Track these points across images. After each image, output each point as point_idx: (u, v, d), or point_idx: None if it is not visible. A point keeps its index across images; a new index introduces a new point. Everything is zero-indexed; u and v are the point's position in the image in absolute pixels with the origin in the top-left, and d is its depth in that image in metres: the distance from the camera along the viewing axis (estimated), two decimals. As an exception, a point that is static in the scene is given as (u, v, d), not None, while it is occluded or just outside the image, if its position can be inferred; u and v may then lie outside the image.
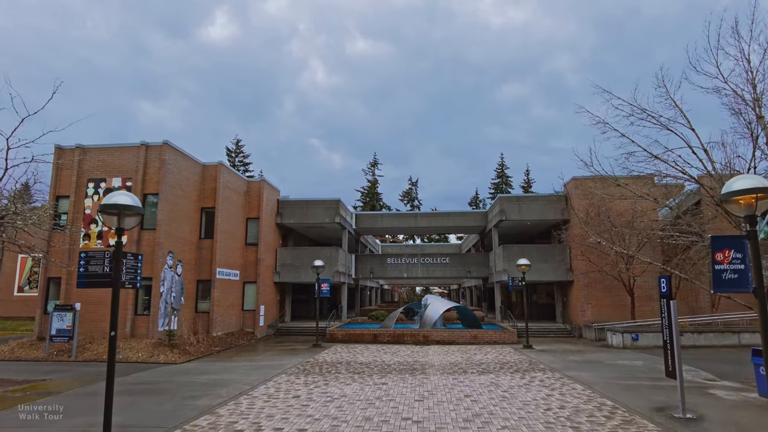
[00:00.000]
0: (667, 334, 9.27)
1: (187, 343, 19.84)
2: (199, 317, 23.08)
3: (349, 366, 15.51)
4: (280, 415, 9.11)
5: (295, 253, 29.06)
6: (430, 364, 16.02)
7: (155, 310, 19.83)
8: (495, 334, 22.83)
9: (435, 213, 33.43)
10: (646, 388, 11.62)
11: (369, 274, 33.73)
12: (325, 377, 13.43)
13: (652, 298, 25.86)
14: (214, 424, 8.54)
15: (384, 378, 13.25)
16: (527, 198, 28.49)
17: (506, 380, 12.84)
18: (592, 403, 10.02)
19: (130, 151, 21.20)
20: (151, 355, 17.90)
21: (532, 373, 14.11)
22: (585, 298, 25.88)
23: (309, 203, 29.51)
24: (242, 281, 26.28)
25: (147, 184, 20.88)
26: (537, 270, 26.29)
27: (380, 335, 23.11)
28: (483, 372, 14.27)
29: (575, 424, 8.37)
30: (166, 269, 20.51)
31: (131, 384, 12.44)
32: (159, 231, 20.28)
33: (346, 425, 8.40)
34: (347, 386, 12.05)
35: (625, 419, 8.68)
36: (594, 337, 23.83)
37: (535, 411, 9.38)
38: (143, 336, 19.59)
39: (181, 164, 22.04)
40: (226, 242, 24.42)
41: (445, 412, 9.32)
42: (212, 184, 24.06)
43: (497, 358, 17.45)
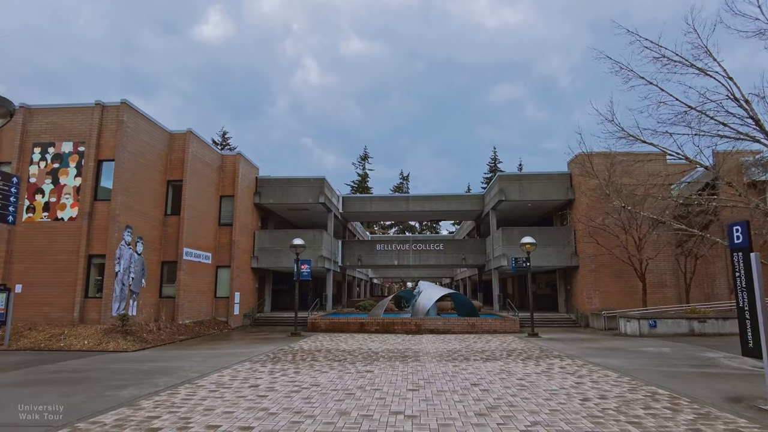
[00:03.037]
0: (745, 299, 6.95)
1: (146, 331, 17.24)
2: (163, 303, 20.45)
3: (328, 353, 13.06)
4: (223, 408, 6.66)
5: (275, 236, 26.49)
6: (424, 351, 13.62)
7: (108, 291, 17.19)
8: (495, 323, 20.51)
9: (429, 196, 31.01)
10: (696, 376, 9.31)
11: (357, 262, 31.25)
12: (297, 365, 10.97)
13: (664, 285, 23.73)
14: (125, 420, 6.05)
15: (369, 366, 10.83)
16: (529, 176, 26.21)
17: (519, 367, 10.48)
18: (639, 392, 7.67)
19: (83, 112, 18.54)
20: (99, 342, 15.29)
21: (548, 359, 11.78)
22: (592, 284, 23.65)
23: (290, 181, 26.95)
24: (215, 265, 23.67)
25: (102, 148, 18.24)
26: (540, 255, 24.02)
27: (368, 324, 20.68)
28: (489, 359, 11.90)
29: (633, 419, 6.01)
30: (122, 246, 17.89)
31: (52, 372, 9.89)
32: (114, 202, 17.64)
33: (311, 422, 5.97)
34: (322, 375, 9.60)
35: (698, 412, 6.34)
36: (603, 325, 21.60)
37: (569, 402, 7.02)
38: (94, 322, 16.96)
39: (142, 128, 19.41)
40: (195, 220, 21.81)
41: (449, 405, 6.93)
42: (180, 154, 21.44)
43: (501, 346, 15.11)
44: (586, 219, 23.40)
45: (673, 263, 23.73)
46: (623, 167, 19.79)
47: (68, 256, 17.27)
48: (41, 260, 17.24)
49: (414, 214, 33.02)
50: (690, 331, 18.33)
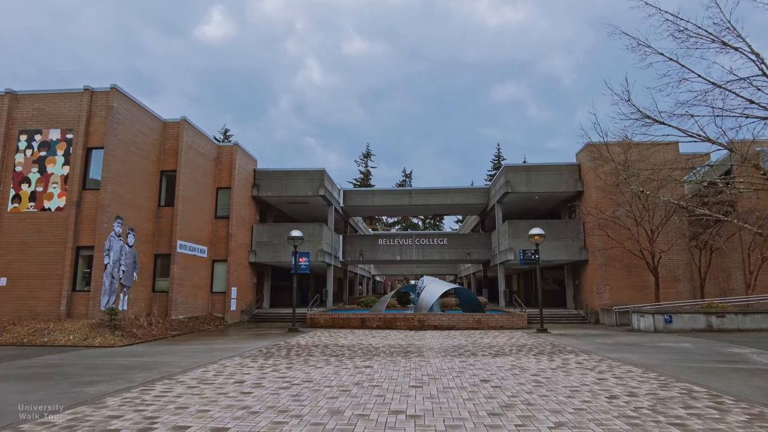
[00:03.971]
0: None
1: (136, 325, 16.44)
2: (156, 297, 19.65)
3: (326, 349, 12.22)
4: (198, 407, 5.82)
5: (273, 230, 25.66)
6: (428, 347, 12.76)
7: (97, 284, 16.38)
8: (502, 319, 19.63)
9: (432, 189, 30.10)
10: (729, 372, 8.42)
11: (358, 257, 30.40)
12: (290, 360, 10.13)
13: (677, 279, 22.78)
14: (80, 420, 5.21)
15: (369, 361, 9.98)
16: (536, 167, 25.28)
17: (531, 363, 9.61)
18: (672, 390, 6.79)
19: (71, 98, 17.75)
20: (85, 337, 14.51)
21: (562, 355, 10.90)
22: (602, 279, 22.73)
23: (289, 173, 26.10)
24: (211, 259, 22.86)
25: (91, 136, 17.45)
26: (548, 249, 23.10)
27: (369, 320, 19.84)
28: (498, 354, 11.04)
29: (675, 420, 5.13)
30: (112, 237, 17.09)
31: (23, 368, 9.08)
32: (104, 191, 16.82)
33: (297, 423, 5.12)
34: (316, 370, 8.76)
35: (749, 413, 5.45)
36: (614, 321, 20.68)
37: (595, 400, 6.15)
38: (82, 316, 16.16)
39: (134, 116, 18.60)
40: (190, 212, 21.00)
41: (457, 403, 6.07)
42: (174, 143, 20.62)
43: (510, 341, 14.24)
44: (596, 211, 22.48)
45: (687, 257, 22.79)
46: (638, 152, 18.81)
47: (55, 248, 16.48)
48: (27, 252, 16.46)
49: (417, 208, 32.14)
50: (708, 326, 17.40)
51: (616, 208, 22.34)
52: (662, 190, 20.84)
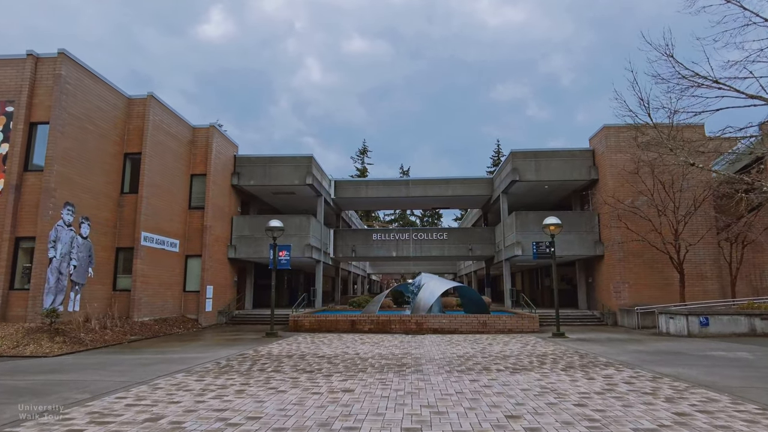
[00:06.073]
0: None
1: (84, 330, 13.99)
2: (117, 297, 17.20)
3: (300, 361, 9.81)
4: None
5: (256, 222, 23.20)
6: (428, 357, 10.37)
7: (38, 282, 13.90)
8: (510, 321, 17.26)
9: (431, 179, 27.67)
10: None
11: (351, 253, 27.98)
12: (248, 378, 7.72)
13: (704, 276, 20.45)
14: None
15: (350, 381, 7.57)
16: (546, 153, 22.92)
17: (566, 384, 7.23)
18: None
19: (12, 65, 15.28)
20: (16, 345, 12.07)
21: (598, 369, 8.53)
22: (620, 276, 20.39)
23: (273, 160, 23.64)
24: (183, 254, 20.40)
25: (35, 108, 15.00)
26: (559, 243, 20.69)
27: (359, 322, 17.45)
28: (517, 369, 8.65)
29: None
30: (60, 227, 14.62)
31: None
32: (49, 172, 14.35)
33: None
34: (276, 395, 6.36)
35: None
36: (635, 323, 18.33)
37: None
38: (20, 319, 13.71)
39: (89, 88, 16.14)
40: (158, 201, 18.55)
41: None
42: (140, 123, 18.17)
43: (525, 349, 11.86)
44: (613, 200, 20.13)
45: (715, 251, 20.46)
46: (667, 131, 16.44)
47: (-11, 239, 14.03)
48: (-45, 243, 14.00)
49: (414, 200, 29.72)
50: (751, 330, 15.07)
51: (636, 197, 20.02)
52: (688, 177, 18.57)
